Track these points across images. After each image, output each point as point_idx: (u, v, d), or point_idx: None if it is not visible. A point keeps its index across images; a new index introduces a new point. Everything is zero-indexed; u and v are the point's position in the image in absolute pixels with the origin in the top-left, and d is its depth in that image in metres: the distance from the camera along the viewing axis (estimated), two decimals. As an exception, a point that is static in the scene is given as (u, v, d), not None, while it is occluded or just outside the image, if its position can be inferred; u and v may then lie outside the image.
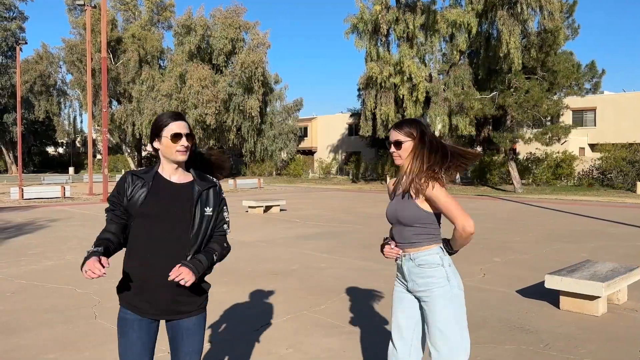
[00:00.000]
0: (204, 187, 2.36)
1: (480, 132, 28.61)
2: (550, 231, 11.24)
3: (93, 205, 18.18)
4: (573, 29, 25.97)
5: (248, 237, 10.43)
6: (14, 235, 10.84)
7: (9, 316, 5.09)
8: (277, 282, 6.49)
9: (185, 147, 2.28)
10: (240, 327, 4.73)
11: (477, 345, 4.26)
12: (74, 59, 45.21)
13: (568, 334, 4.55)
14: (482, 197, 22.07)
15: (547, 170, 28.73)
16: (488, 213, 15.22)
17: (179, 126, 2.29)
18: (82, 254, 8.54)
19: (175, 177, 2.35)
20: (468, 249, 8.99)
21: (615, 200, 19.90)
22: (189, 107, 37.48)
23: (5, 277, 6.86)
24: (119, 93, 45.49)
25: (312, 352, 4.12)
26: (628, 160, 26.04)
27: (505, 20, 24.80)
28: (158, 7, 46.16)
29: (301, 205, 18.19)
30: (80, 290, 6.09)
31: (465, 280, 6.56)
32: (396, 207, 2.63)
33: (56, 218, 14.08)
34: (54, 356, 4.04)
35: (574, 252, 8.66)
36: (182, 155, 2.29)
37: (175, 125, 2.29)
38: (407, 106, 28.07)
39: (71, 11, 47.62)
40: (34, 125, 58.19)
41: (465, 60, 28.71)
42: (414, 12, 27.38)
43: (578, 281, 5.04)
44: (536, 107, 24.12)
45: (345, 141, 47.66)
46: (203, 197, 2.34)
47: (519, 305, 5.44)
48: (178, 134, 2.27)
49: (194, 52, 39.51)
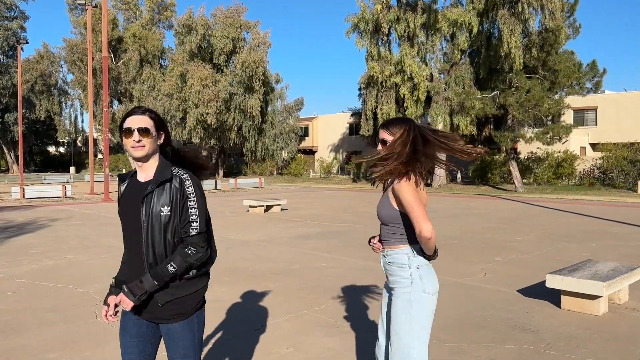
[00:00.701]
0: (157, 184, 2.17)
1: (481, 132, 28.59)
2: (551, 231, 11.23)
3: (94, 205, 18.19)
4: (574, 28, 25.94)
5: (249, 237, 10.43)
6: (15, 234, 10.84)
7: (9, 315, 5.10)
8: (277, 282, 6.48)
9: (137, 142, 2.16)
10: (240, 327, 4.72)
11: (478, 345, 4.25)
12: (75, 59, 45.27)
13: (569, 333, 4.54)
14: (483, 197, 22.06)
15: (548, 169, 28.70)
16: (489, 212, 15.21)
17: (131, 121, 2.19)
18: (83, 253, 8.56)
19: (143, 175, 2.26)
20: (469, 248, 8.98)
21: (617, 200, 19.88)
22: (190, 107, 37.49)
23: (6, 276, 6.86)
24: (120, 92, 45.53)
25: (312, 352, 4.12)
26: (629, 160, 26.01)
27: (507, 19, 24.78)
28: (159, 7, 46.18)
29: (302, 204, 18.18)
30: (81, 290, 6.09)
31: (466, 280, 6.55)
32: (378, 204, 2.65)
33: (57, 217, 14.09)
34: (55, 355, 4.04)
35: (575, 251, 8.65)
36: (136, 151, 2.18)
37: (128, 120, 2.20)
38: (408, 105, 28.05)
39: (72, 11, 47.67)
40: (35, 124, 58.23)
41: (466, 59, 28.69)
42: (414, 11, 27.36)
43: (579, 281, 5.03)
44: (537, 106, 24.09)
45: (346, 141, 47.64)
46: (155, 194, 2.17)
47: (520, 305, 5.43)
48: (128, 128, 2.18)
49: (194, 52, 39.52)
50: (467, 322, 4.86)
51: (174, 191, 2.17)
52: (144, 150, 2.19)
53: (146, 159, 2.22)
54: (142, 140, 2.17)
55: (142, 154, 2.19)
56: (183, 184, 2.19)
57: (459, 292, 5.98)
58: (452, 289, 6.07)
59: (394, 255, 2.58)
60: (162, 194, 2.17)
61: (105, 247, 9.12)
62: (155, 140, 2.23)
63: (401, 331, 2.50)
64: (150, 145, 2.20)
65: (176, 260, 2.15)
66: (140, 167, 2.25)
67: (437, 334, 4.49)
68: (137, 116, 2.20)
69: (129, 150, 2.20)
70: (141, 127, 2.17)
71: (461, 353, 4.08)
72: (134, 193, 2.24)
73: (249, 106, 38.65)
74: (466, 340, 4.38)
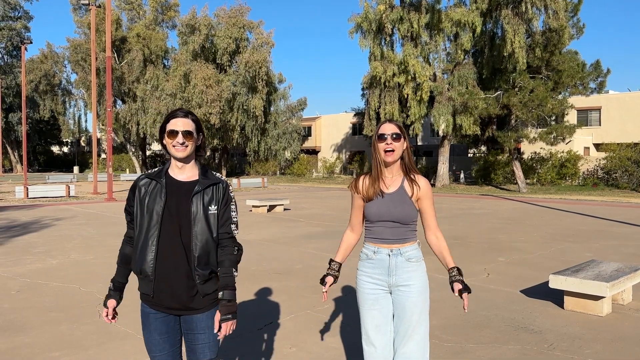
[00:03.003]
0: (206, 184, 2.34)
1: (484, 132, 28.52)
2: (555, 231, 11.20)
3: (97, 204, 18.23)
4: (578, 28, 25.87)
5: (252, 236, 10.44)
6: (18, 233, 10.88)
7: (13, 314, 5.11)
8: (280, 281, 6.49)
9: (181, 144, 2.29)
10: (243, 326, 4.73)
11: (481, 345, 4.25)
12: (79, 59, 45.35)
13: (572, 334, 4.53)
14: (487, 197, 22.02)
15: (552, 169, 28.63)
16: (492, 213, 15.18)
17: (176, 123, 2.31)
18: (87, 252, 8.58)
19: (183, 175, 2.38)
20: (472, 248, 8.97)
21: (620, 200, 19.82)
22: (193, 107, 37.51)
23: (10, 275, 6.89)
24: (124, 92, 45.61)
25: (315, 351, 4.12)
26: (633, 160, 25.92)
27: (510, 19, 24.72)
28: (162, 7, 46.23)
29: (305, 204, 18.19)
30: (85, 289, 6.11)
31: (470, 280, 6.54)
32: (390, 205, 2.62)
33: (61, 217, 14.13)
34: (58, 354, 4.05)
35: (579, 252, 8.63)
36: (179, 152, 2.30)
37: (172, 122, 2.32)
38: (411, 105, 28.02)
39: (76, 11, 47.75)
40: (39, 124, 58.43)
41: (470, 59, 28.64)
42: (418, 11, 27.33)
43: (582, 281, 5.02)
44: (541, 106, 24.03)
45: (349, 140, 47.64)
46: (205, 194, 2.33)
47: (523, 305, 5.42)
48: (173, 130, 2.30)
49: (198, 52, 39.53)
50: (470, 323, 4.85)
51: (220, 194, 2.36)
52: (187, 151, 2.32)
53: (187, 160, 2.36)
54: (186, 142, 2.31)
55: (185, 155, 2.32)
56: (227, 189, 2.41)
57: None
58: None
59: (412, 252, 2.66)
60: (209, 194, 2.34)
61: (109, 247, 9.14)
62: (195, 143, 2.37)
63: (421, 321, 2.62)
64: (192, 147, 2.34)
65: (232, 263, 2.36)
66: (181, 168, 2.37)
67: (439, 334, 4.49)
68: (181, 119, 2.33)
69: (170, 151, 2.33)
70: (186, 130, 2.31)
71: (464, 353, 4.07)
72: (177, 191, 2.35)
73: (252, 106, 38.66)
74: (469, 340, 4.38)
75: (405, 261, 2.64)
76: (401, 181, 2.66)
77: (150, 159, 54.67)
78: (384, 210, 2.63)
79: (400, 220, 2.62)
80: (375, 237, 2.69)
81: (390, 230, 2.64)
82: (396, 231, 2.64)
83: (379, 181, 2.67)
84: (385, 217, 2.63)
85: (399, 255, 2.64)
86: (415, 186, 2.64)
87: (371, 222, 2.69)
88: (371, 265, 2.70)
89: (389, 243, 2.65)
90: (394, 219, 2.62)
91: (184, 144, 2.29)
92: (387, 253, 2.65)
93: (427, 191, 2.66)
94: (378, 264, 2.68)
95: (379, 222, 2.66)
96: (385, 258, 2.66)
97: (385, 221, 2.64)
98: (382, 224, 2.65)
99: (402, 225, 2.63)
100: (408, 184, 2.65)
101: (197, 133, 2.37)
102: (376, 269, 2.69)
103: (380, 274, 2.68)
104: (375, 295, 2.70)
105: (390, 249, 2.65)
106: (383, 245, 2.66)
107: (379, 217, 2.65)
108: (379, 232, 2.67)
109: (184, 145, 2.30)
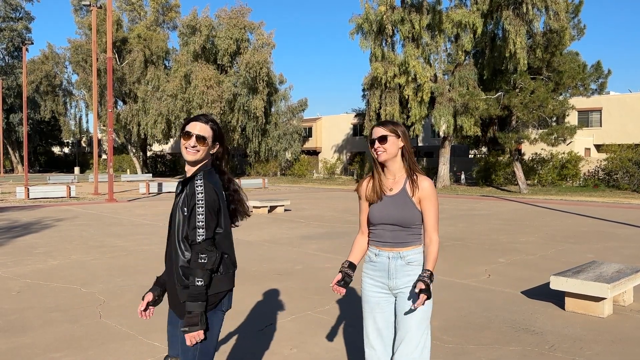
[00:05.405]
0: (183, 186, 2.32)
1: (485, 133, 28.52)
2: (556, 232, 11.19)
3: (98, 205, 18.24)
4: (579, 29, 25.86)
5: (252, 237, 10.44)
6: (19, 234, 10.89)
7: (14, 315, 5.11)
8: (281, 282, 6.49)
9: (192, 146, 2.30)
10: (244, 327, 4.73)
11: (482, 347, 4.24)
12: (80, 59, 45.42)
13: (573, 335, 4.53)
14: (487, 198, 22.01)
15: (553, 170, 28.62)
16: (493, 213, 15.17)
17: (193, 126, 2.33)
18: (88, 253, 8.58)
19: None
20: (473, 249, 8.96)
21: (621, 201, 19.80)
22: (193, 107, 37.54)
23: (10, 276, 6.89)
24: (125, 93, 45.65)
25: (316, 353, 4.12)
26: (634, 161, 25.90)
27: (511, 20, 24.72)
28: (163, 8, 46.28)
29: (305, 205, 18.19)
30: (85, 290, 6.11)
31: (470, 281, 6.54)
32: (390, 208, 2.61)
33: (62, 217, 14.14)
34: (59, 355, 4.05)
35: (580, 253, 8.62)
36: (189, 155, 2.31)
37: (190, 125, 2.35)
38: (411, 106, 28.01)
39: (77, 11, 47.85)
40: (40, 125, 58.49)
41: (471, 60, 28.63)
42: (419, 12, 27.33)
43: (583, 282, 5.01)
44: (541, 107, 24.02)
45: (349, 141, 47.65)
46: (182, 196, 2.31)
47: (524, 306, 5.42)
48: (188, 132, 2.32)
49: (198, 53, 39.57)
50: (471, 324, 4.85)
51: (190, 195, 2.26)
52: (196, 155, 2.31)
53: (195, 164, 2.35)
54: (197, 146, 2.31)
55: (194, 158, 2.31)
56: (195, 186, 2.25)
57: (463, 293, 5.96)
58: (456, 290, 6.06)
59: (413, 256, 2.63)
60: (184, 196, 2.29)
61: (110, 247, 9.14)
62: (209, 149, 2.36)
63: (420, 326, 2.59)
64: (203, 153, 2.33)
65: (197, 273, 2.20)
66: (188, 171, 2.38)
67: (440, 335, 4.49)
68: (199, 123, 2.34)
69: (182, 152, 2.35)
70: (200, 134, 2.31)
71: (464, 354, 4.07)
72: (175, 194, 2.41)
73: (252, 107, 38.67)
74: (470, 341, 4.37)
75: (405, 265, 2.62)
76: (403, 183, 2.65)
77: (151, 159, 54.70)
78: (384, 213, 2.62)
79: (399, 223, 2.60)
80: (377, 239, 2.68)
81: (390, 233, 2.63)
82: (396, 234, 2.62)
83: (380, 183, 2.67)
84: (385, 220, 2.62)
85: (399, 258, 2.63)
86: (415, 187, 2.61)
87: (373, 225, 2.69)
88: (373, 267, 2.70)
89: (389, 246, 2.65)
90: (393, 221, 2.61)
91: (195, 147, 2.31)
92: (387, 256, 2.65)
93: (429, 192, 2.61)
94: (379, 266, 2.68)
95: (380, 224, 2.65)
96: (386, 261, 2.66)
97: (385, 224, 2.63)
98: (382, 226, 2.65)
99: (402, 229, 2.61)
100: (410, 185, 2.63)
101: (213, 141, 2.36)
102: (377, 272, 2.69)
103: (381, 276, 2.68)
104: (377, 298, 2.70)
105: (390, 252, 2.64)
106: (384, 248, 2.66)
107: (379, 220, 2.64)
108: (380, 235, 2.67)
109: (195, 149, 2.31)
